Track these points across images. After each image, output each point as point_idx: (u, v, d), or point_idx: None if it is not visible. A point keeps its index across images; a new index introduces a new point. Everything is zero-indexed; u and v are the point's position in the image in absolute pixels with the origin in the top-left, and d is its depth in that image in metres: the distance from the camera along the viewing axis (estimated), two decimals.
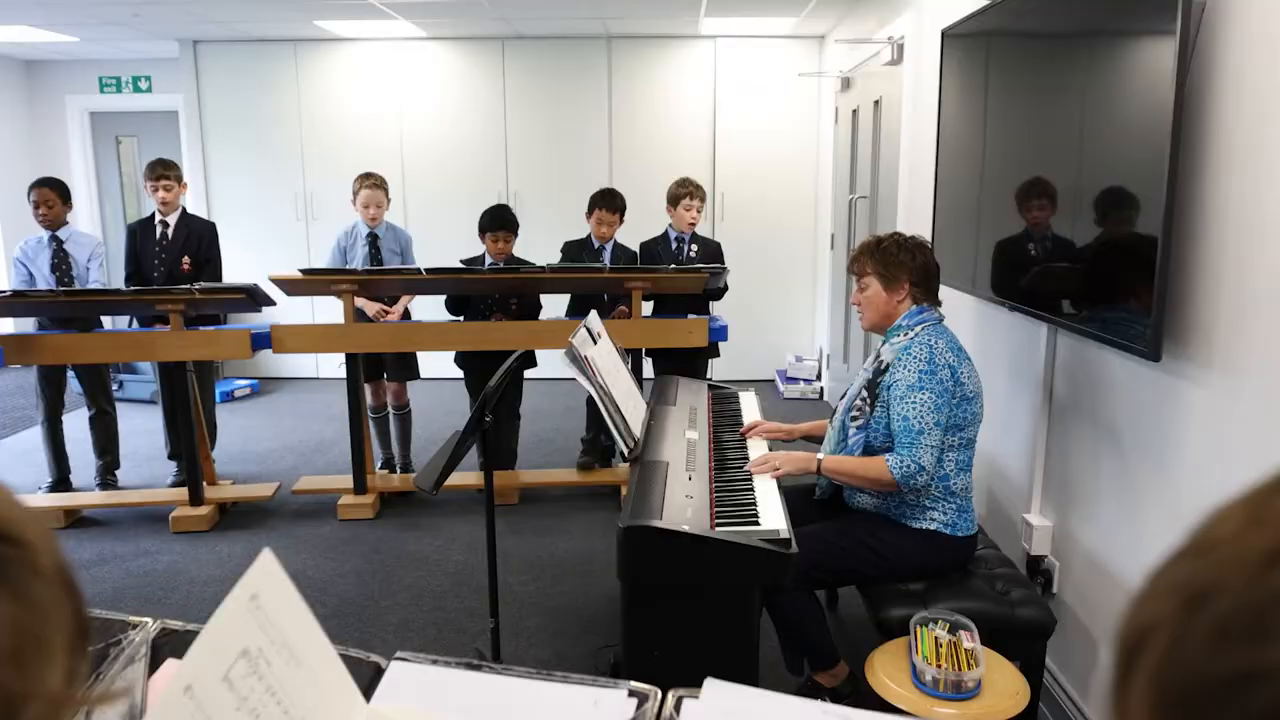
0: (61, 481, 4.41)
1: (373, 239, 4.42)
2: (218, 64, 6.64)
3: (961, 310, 3.30)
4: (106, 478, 4.45)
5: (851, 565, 2.38)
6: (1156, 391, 2.12)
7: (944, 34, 3.33)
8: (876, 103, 4.98)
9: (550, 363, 4.19)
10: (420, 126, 6.67)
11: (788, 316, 6.81)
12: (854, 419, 2.45)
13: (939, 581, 2.34)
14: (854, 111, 5.54)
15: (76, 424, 4.72)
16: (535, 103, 6.63)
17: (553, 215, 6.22)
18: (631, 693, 0.79)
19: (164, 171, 4.26)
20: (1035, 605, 2.27)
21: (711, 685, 0.81)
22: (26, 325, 4.33)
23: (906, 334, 2.42)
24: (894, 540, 2.37)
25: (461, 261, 4.32)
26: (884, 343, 2.50)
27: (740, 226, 6.65)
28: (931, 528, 2.38)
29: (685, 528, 1.92)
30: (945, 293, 3.06)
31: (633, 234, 4.62)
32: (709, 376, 4.65)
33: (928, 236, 3.46)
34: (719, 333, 4.20)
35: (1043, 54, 2.55)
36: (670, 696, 0.80)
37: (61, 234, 4.25)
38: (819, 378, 6.46)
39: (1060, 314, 2.44)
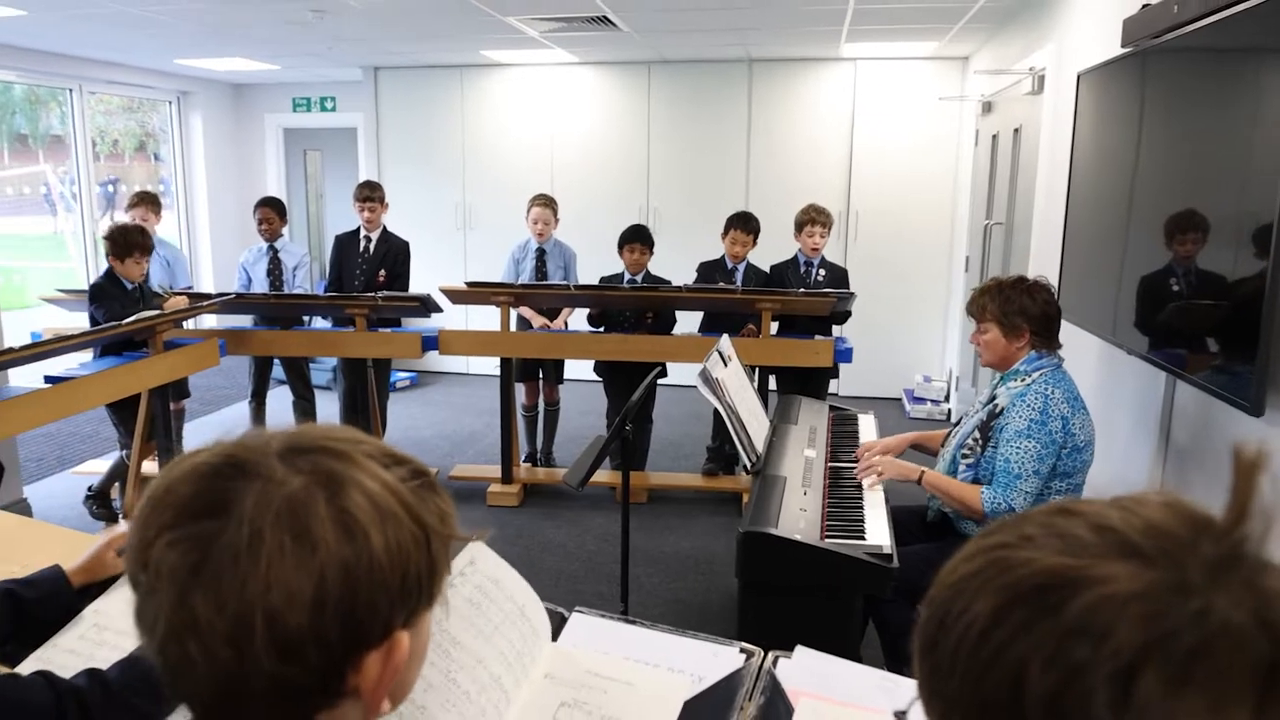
0: None
1: (540, 254, 4.89)
2: (394, 87, 7.34)
3: (1085, 348, 3.39)
4: None
5: None
6: (1269, 444, 2.15)
7: (1080, 75, 3.43)
8: (1016, 130, 5.04)
9: (680, 372, 4.54)
10: (569, 145, 7.15)
11: (918, 336, 6.89)
12: (964, 457, 2.58)
13: None
14: (994, 137, 5.60)
15: (269, 405, 5.42)
16: (677, 124, 6.98)
17: (690, 233, 6.55)
18: (742, 650, 1.11)
19: (370, 193, 4.86)
20: None
21: (801, 651, 1.11)
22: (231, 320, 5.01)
23: (1023, 380, 2.52)
24: None
25: (601, 279, 4.73)
26: (1001, 383, 2.61)
27: (873, 246, 6.79)
28: None
29: (798, 536, 2.20)
30: (1070, 331, 3.17)
31: (766, 253, 4.89)
32: (833, 392, 4.88)
33: (1056, 270, 3.57)
34: (844, 355, 4.42)
35: (1203, 85, 2.49)
36: (769, 655, 1.10)
37: (277, 245, 4.93)
38: (947, 399, 6.52)
39: (1191, 352, 2.43)
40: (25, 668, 1.21)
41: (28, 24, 5.30)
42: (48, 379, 3.61)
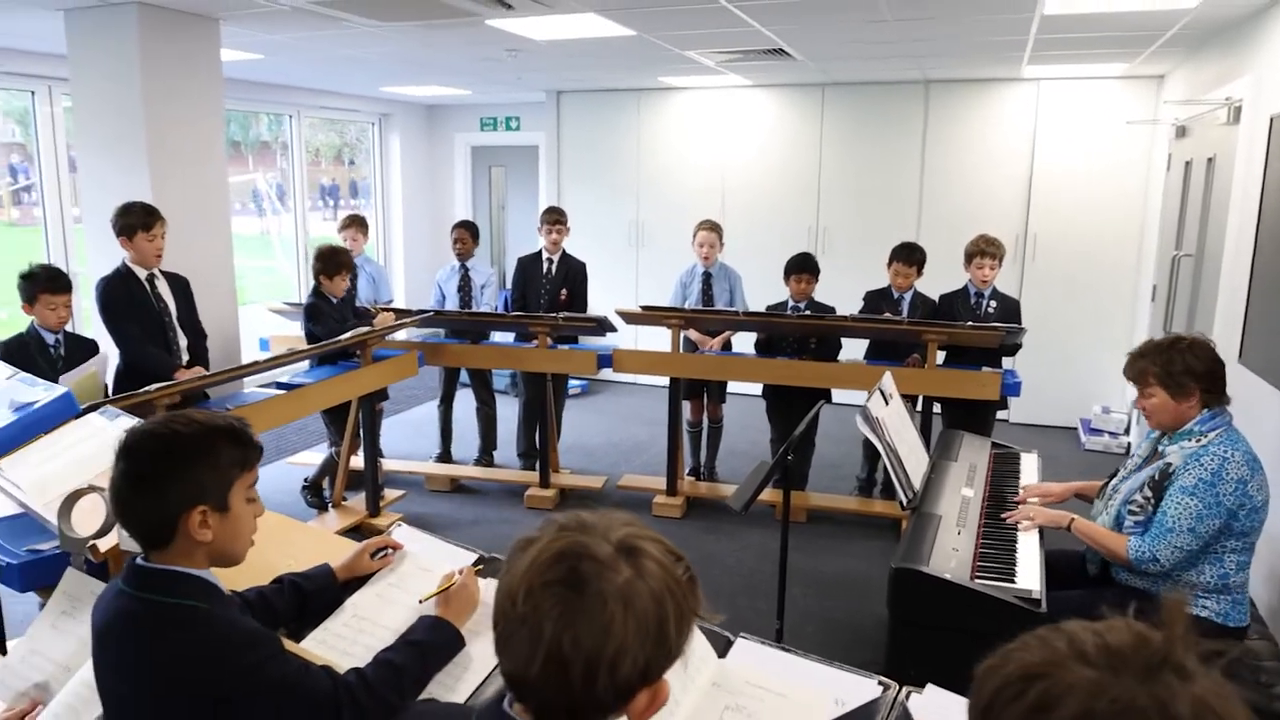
0: (446, 454, 5.62)
1: (706, 277, 5.14)
2: (575, 108, 7.80)
3: (1261, 397, 3.25)
4: (484, 456, 5.60)
5: None
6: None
7: (1273, 119, 3.30)
8: (1210, 159, 4.80)
9: (843, 391, 4.64)
10: (740, 165, 7.35)
11: (1098, 365, 6.61)
12: (1133, 514, 2.53)
13: None
14: (1187, 164, 5.33)
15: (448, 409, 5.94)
16: (849, 145, 7.03)
17: (858, 256, 6.60)
18: (880, 682, 1.28)
19: (556, 218, 5.28)
20: None
21: (932, 689, 1.27)
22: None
23: (1199, 440, 2.46)
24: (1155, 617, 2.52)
25: (767, 308, 4.90)
26: (1171, 442, 2.53)
27: (1052, 269, 6.60)
28: (1201, 615, 2.46)
29: (947, 576, 2.31)
30: (1250, 381, 3.06)
31: (940, 278, 4.88)
32: (1004, 419, 4.81)
33: (1241, 312, 3.44)
34: (1012, 389, 4.38)
35: None
36: (903, 690, 1.27)
37: (468, 264, 5.43)
38: (1126, 431, 6.24)
39: None
40: (307, 644, 1.56)
41: (261, 64, 6.08)
42: (279, 385, 4.18)
